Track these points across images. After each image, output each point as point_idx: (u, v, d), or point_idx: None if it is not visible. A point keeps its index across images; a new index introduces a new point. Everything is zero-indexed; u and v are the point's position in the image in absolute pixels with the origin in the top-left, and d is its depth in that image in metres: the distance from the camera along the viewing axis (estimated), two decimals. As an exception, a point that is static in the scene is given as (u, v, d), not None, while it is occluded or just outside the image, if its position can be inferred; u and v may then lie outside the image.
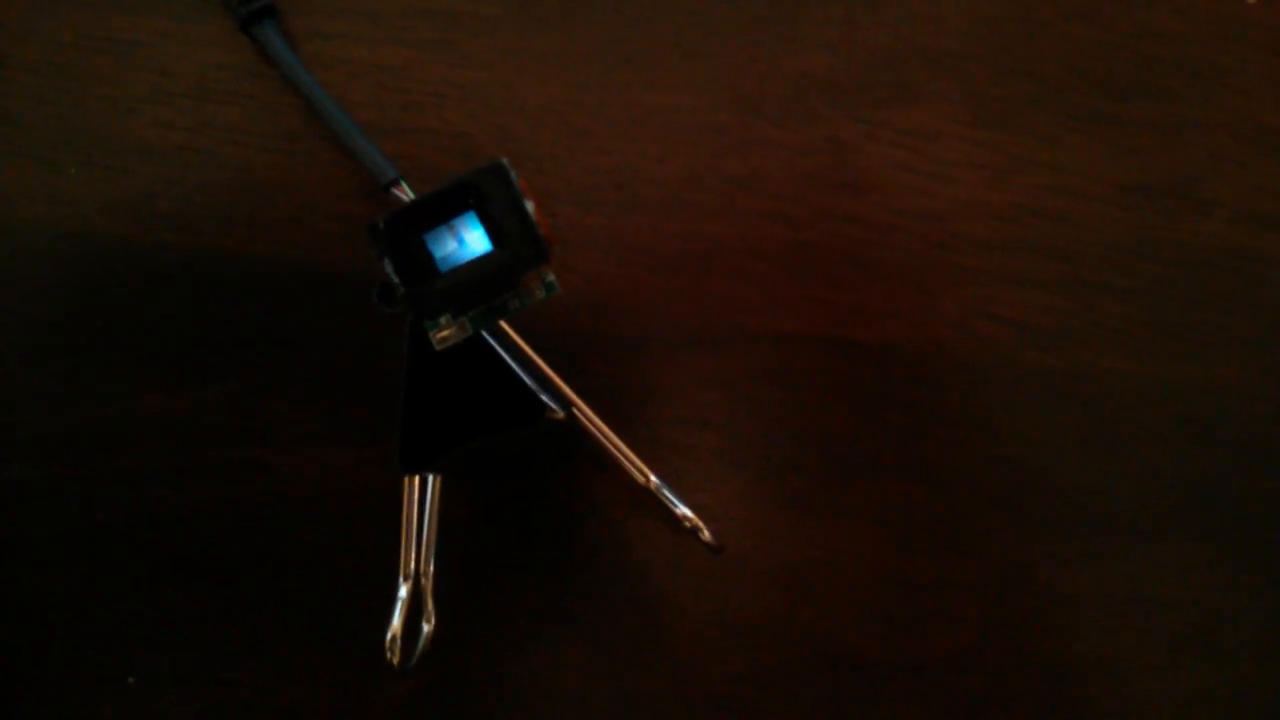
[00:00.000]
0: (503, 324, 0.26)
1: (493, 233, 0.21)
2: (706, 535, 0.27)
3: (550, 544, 0.30)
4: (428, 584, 0.26)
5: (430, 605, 0.27)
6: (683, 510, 0.27)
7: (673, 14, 0.31)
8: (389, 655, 0.25)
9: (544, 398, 0.24)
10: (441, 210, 0.20)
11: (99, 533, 0.29)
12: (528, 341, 0.28)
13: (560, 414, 0.25)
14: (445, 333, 0.22)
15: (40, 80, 0.30)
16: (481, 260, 0.21)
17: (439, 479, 0.25)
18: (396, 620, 0.25)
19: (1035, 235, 0.32)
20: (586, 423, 0.26)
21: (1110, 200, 0.32)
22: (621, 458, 0.26)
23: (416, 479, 0.25)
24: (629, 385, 0.31)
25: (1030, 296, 0.31)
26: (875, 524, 0.30)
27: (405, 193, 0.27)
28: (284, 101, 0.30)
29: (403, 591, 0.25)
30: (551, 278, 0.23)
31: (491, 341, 0.24)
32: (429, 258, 0.20)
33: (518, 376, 0.24)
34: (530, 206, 0.20)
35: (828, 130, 0.31)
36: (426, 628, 0.26)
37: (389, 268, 0.20)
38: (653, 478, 0.26)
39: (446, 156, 0.30)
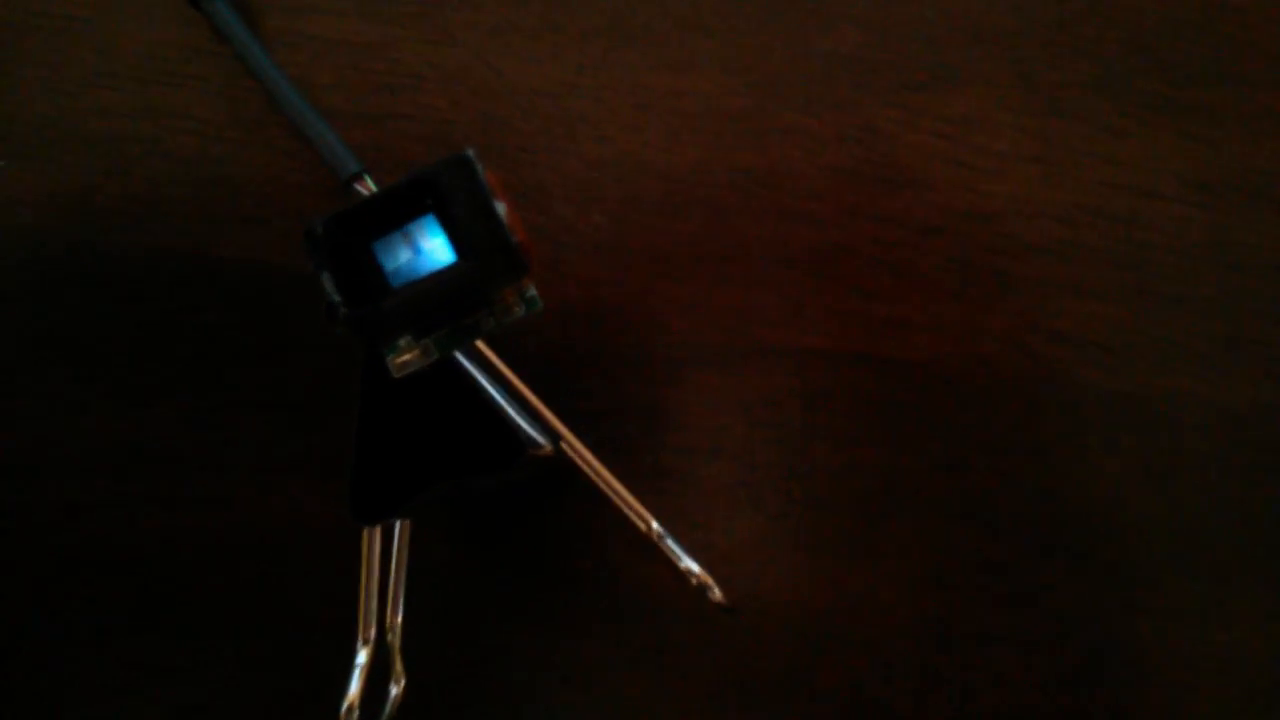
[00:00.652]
0: (478, 343, 0.22)
1: (456, 239, 0.17)
2: (717, 595, 0.23)
3: (541, 589, 0.26)
4: (395, 640, 0.23)
5: (399, 664, 0.23)
6: (688, 564, 0.23)
7: (683, -15, 0.27)
8: (347, 727, 0.21)
9: (528, 430, 0.20)
10: (394, 212, 0.17)
11: (35, 573, 0.26)
12: (510, 359, 0.24)
13: (547, 448, 0.21)
14: (405, 357, 0.18)
15: (-34, 60, 0.27)
16: (443, 273, 0.17)
17: (408, 523, 0.21)
18: (354, 688, 0.21)
19: (1095, 238, 0.28)
20: (579, 460, 0.22)
21: (1179, 198, 0.28)
22: (619, 501, 0.22)
23: (379, 531, 0.21)
24: (631, 408, 0.27)
25: (1090, 308, 0.27)
26: (911, 568, 0.26)
27: (369, 188, 0.23)
28: (240, 84, 0.26)
29: (361, 657, 0.21)
30: (533, 292, 0.19)
31: (464, 364, 0.20)
32: (378, 270, 0.17)
33: (493, 407, 0.20)
34: (501, 208, 0.17)
35: (859, 117, 0.28)
36: (395, 690, 0.23)
37: (328, 283, 0.16)
38: (655, 524, 0.23)
39: (425, 147, 0.27)
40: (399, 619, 0.22)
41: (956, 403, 0.27)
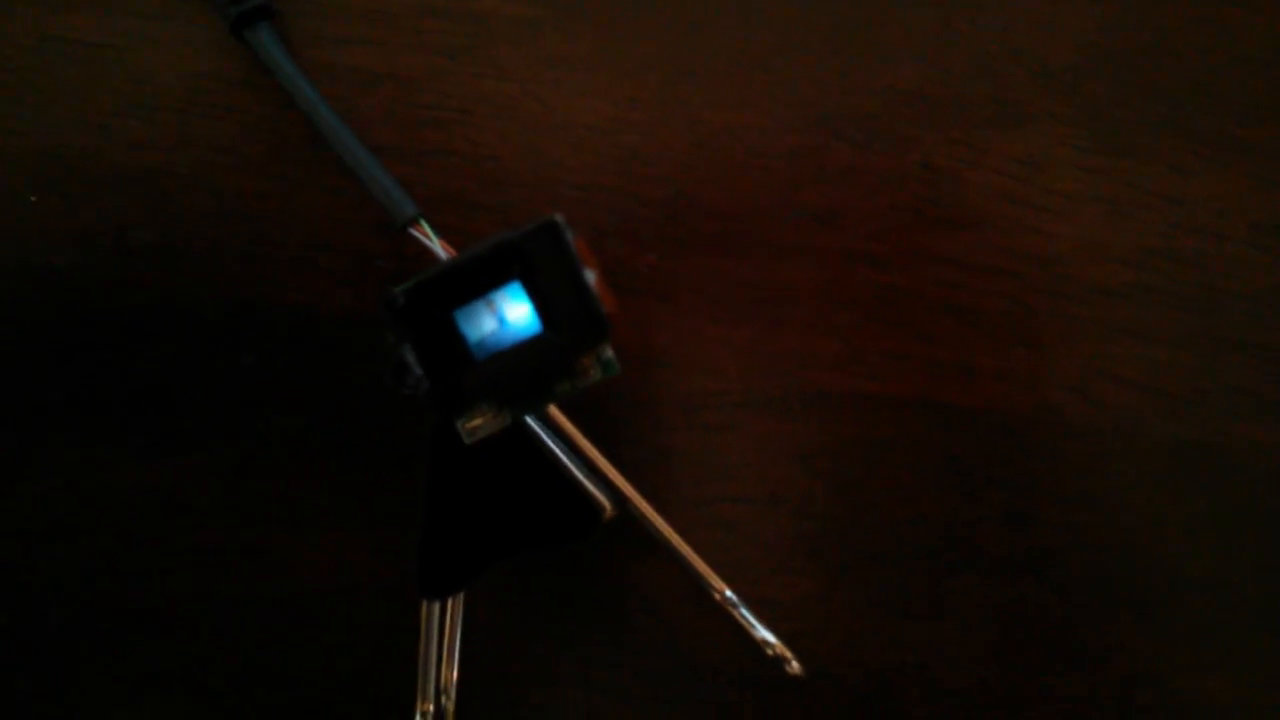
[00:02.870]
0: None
1: (542, 309, 0.16)
2: (795, 669, 0.22)
3: (596, 648, 0.25)
4: (450, 704, 0.22)
5: (451, 730, 0.22)
6: (764, 634, 0.22)
7: (741, 18, 0.26)
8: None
9: (595, 493, 0.19)
10: (479, 280, 0.16)
11: (61, 631, 0.25)
12: (564, 409, 0.23)
13: (611, 511, 0.20)
14: (478, 422, 0.17)
15: (-5, 89, 0.26)
16: (528, 344, 0.16)
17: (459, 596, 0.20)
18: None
19: (1163, 282, 0.27)
20: (648, 524, 0.21)
21: (1249, 242, 0.27)
22: (687, 566, 0.21)
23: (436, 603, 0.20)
24: (684, 456, 0.26)
25: (1157, 354, 0.27)
26: (975, 626, 0.25)
27: (426, 234, 0.22)
28: (282, 117, 0.25)
29: (421, 724, 0.20)
30: (610, 354, 0.18)
31: (537, 429, 0.19)
32: (461, 340, 0.16)
33: (564, 472, 0.19)
34: (591, 277, 0.15)
35: (920, 155, 0.27)
36: (449, 759, 0.21)
37: (409, 355, 0.15)
38: (728, 592, 0.21)
39: (473, 184, 0.26)
40: (454, 682, 0.21)
41: (1021, 452, 0.26)
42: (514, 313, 0.16)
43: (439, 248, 0.22)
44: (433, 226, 0.24)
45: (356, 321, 0.25)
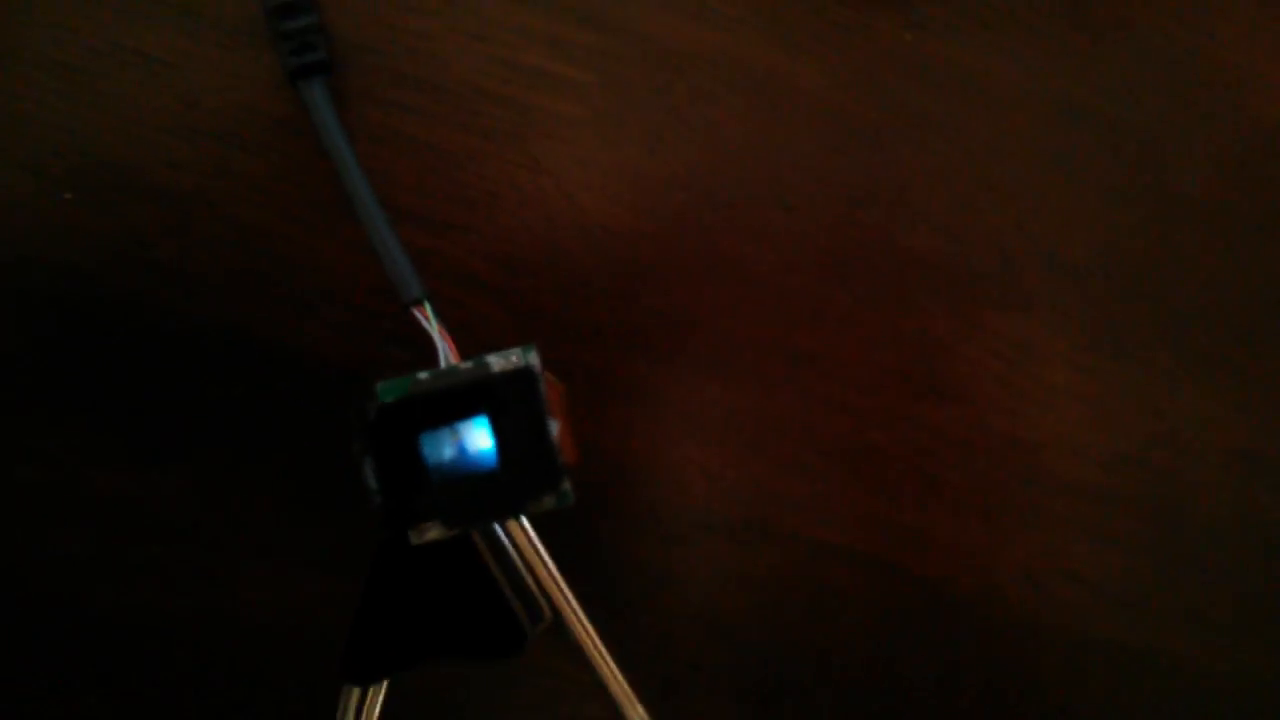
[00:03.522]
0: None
1: (503, 449, 0.16)
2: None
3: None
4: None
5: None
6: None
7: (775, 154, 0.27)
8: None
9: (534, 604, 0.20)
10: (449, 408, 0.16)
11: (8, 617, 0.25)
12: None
13: (548, 619, 0.21)
14: (429, 532, 0.18)
15: (56, 85, 0.27)
16: (485, 479, 0.16)
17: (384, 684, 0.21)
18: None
19: (1132, 490, 0.27)
20: (578, 638, 0.21)
21: (1221, 465, 0.28)
22: (611, 684, 0.22)
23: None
24: (637, 563, 0.26)
25: (1113, 558, 0.27)
26: (887, 791, 0.26)
27: (427, 317, 0.23)
28: (316, 167, 0.26)
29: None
30: (567, 488, 0.18)
31: (479, 540, 0.20)
32: (420, 463, 0.16)
33: (501, 594, 0.19)
34: (555, 427, 0.16)
35: (921, 321, 0.27)
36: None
37: (368, 469, 0.16)
38: (643, 715, 0.22)
39: (486, 265, 0.26)
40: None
41: (964, 628, 0.27)
42: (476, 444, 0.17)
43: (436, 333, 0.22)
44: (438, 299, 0.24)
45: (343, 374, 0.26)
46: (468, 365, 0.17)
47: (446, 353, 0.22)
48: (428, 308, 0.23)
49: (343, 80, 0.27)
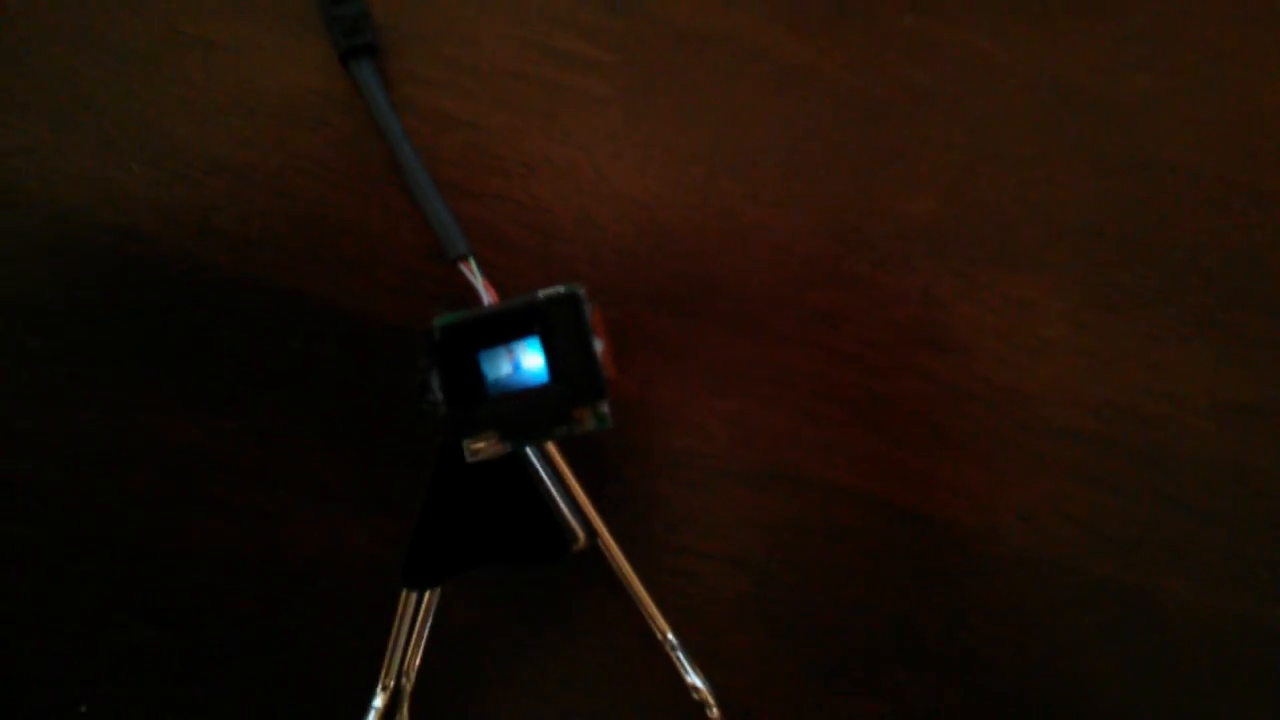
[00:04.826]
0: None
1: (553, 364, 0.19)
2: (715, 714, 0.24)
3: (549, 665, 0.27)
4: (409, 685, 0.24)
5: (406, 709, 0.24)
6: (693, 680, 0.24)
7: (789, 129, 0.29)
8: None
9: (571, 523, 0.22)
10: (504, 330, 0.19)
11: (78, 547, 0.28)
12: (559, 445, 0.26)
13: (583, 542, 0.23)
14: (481, 445, 0.20)
15: (124, 67, 0.29)
16: (535, 391, 0.19)
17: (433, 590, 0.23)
18: (368, 730, 0.23)
19: (1124, 436, 0.29)
20: (611, 560, 0.23)
21: (1208, 414, 0.30)
22: (640, 605, 0.24)
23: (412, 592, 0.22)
24: (663, 505, 0.29)
25: (1107, 500, 0.29)
26: (898, 714, 0.28)
27: (472, 270, 0.25)
28: (369, 142, 0.28)
29: (378, 701, 0.23)
30: (605, 410, 0.21)
31: (532, 459, 0.22)
32: (480, 378, 0.19)
33: (550, 505, 0.22)
34: (599, 345, 0.18)
35: (923, 280, 0.29)
36: (399, 735, 0.24)
37: (434, 382, 0.18)
38: (670, 635, 0.24)
39: (524, 231, 0.29)
40: (415, 667, 0.24)
41: (967, 564, 0.29)
42: (529, 362, 0.19)
43: (481, 285, 0.25)
44: (479, 261, 0.27)
45: (394, 330, 0.28)
46: (518, 299, 0.19)
47: (489, 301, 0.24)
48: (472, 261, 0.25)
49: (390, 62, 0.29)
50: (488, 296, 0.24)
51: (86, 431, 0.28)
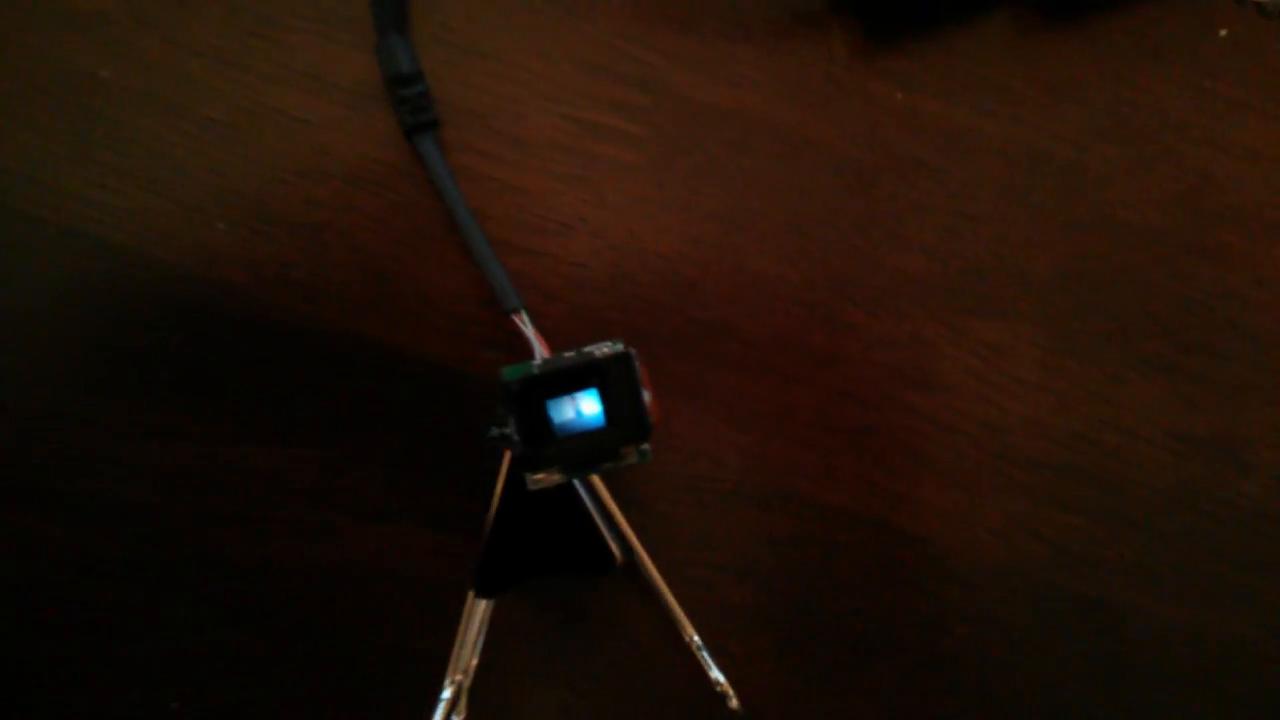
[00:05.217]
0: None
1: (608, 410, 0.23)
2: (734, 704, 0.28)
3: (584, 664, 0.32)
4: (467, 682, 0.28)
5: (464, 702, 0.28)
6: (716, 675, 0.28)
7: (793, 195, 0.34)
8: (426, 751, 0.27)
9: (611, 543, 0.26)
10: (568, 382, 0.23)
11: (172, 563, 0.32)
12: (601, 477, 0.30)
13: (620, 559, 0.27)
14: (541, 477, 0.24)
15: (210, 137, 0.33)
16: (593, 434, 0.23)
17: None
18: (438, 717, 0.27)
19: (1086, 464, 0.33)
20: (646, 572, 0.28)
21: (1161, 445, 0.34)
22: (670, 611, 0.28)
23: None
24: (681, 524, 0.33)
25: (1071, 521, 0.33)
26: (884, 710, 0.32)
27: (524, 321, 0.29)
28: (427, 205, 0.33)
29: (447, 693, 0.27)
30: (647, 447, 0.25)
31: (580, 490, 0.26)
32: (547, 422, 0.23)
33: (596, 526, 0.26)
34: (647, 396, 0.23)
35: (912, 327, 0.34)
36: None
37: (512, 425, 0.22)
38: (695, 637, 0.28)
39: (561, 283, 0.33)
40: (474, 667, 0.28)
41: (946, 575, 0.33)
42: (588, 409, 0.23)
43: (532, 335, 0.29)
44: (527, 310, 0.31)
45: (449, 370, 0.32)
46: (571, 354, 0.23)
47: (540, 350, 0.29)
48: (524, 314, 0.29)
49: (447, 135, 0.33)
50: (538, 346, 0.28)
51: (179, 461, 0.32)
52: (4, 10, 0.33)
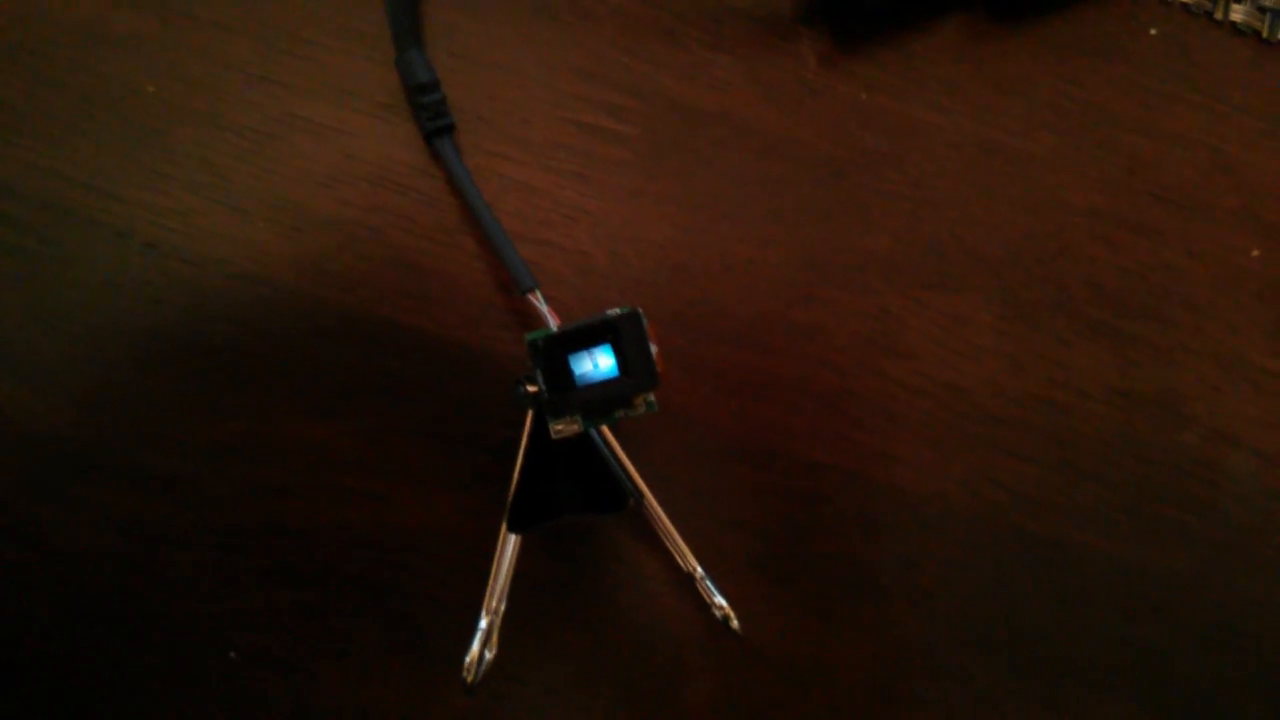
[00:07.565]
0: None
1: (621, 363, 0.27)
2: (735, 624, 0.32)
3: (598, 606, 0.35)
4: (498, 620, 0.32)
5: (495, 638, 0.32)
6: (719, 600, 0.32)
7: (771, 186, 0.38)
8: (466, 674, 0.31)
9: (625, 483, 0.30)
10: (586, 339, 0.27)
11: (227, 528, 0.35)
12: (614, 431, 0.34)
13: (632, 501, 0.31)
14: (561, 426, 0.28)
15: (249, 145, 0.37)
16: (609, 383, 0.27)
17: (519, 539, 0.31)
18: (476, 646, 0.31)
19: (1039, 419, 0.38)
20: (652, 511, 0.32)
21: (1106, 400, 0.38)
22: (674, 546, 0.32)
23: (510, 536, 0.31)
24: (683, 483, 0.37)
25: (1026, 470, 0.37)
26: (868, 637, 0.36)
27: (538, 299, 0.33)
28: (447, 201, 0.37)
29: (483, 623, 0.31)
30: (653, 399, 0.29)
31: (596, 437, 0.30)
32: (569, 373, 0.27)
33: (610, 470, 0.30)
34: (654, 349, 0.27)
35: (880, 301, 0.38)
36: (489, 655, 0.32)
37: (539, 376, 0.26)
38: (698, 568, 0.32)
39: (567, 269, 0.37)
40: (503, 606, 0.32)
41: (918, 520, 0.37)
42: (603, 362, 0.27)
43: (546, 311, 0.33)
44: (539, 288, 0.35)
45: (470, 350, 0.36)
46: (596, 316, 0.27)
47: (554, 325, 0.32)
48: (538, 294, 0.33)
49: (463, 137, 0.37)
50: (552, 320, 0.32)
51: (230, 436, 0.36)
52: (58, 34, 0.37)
